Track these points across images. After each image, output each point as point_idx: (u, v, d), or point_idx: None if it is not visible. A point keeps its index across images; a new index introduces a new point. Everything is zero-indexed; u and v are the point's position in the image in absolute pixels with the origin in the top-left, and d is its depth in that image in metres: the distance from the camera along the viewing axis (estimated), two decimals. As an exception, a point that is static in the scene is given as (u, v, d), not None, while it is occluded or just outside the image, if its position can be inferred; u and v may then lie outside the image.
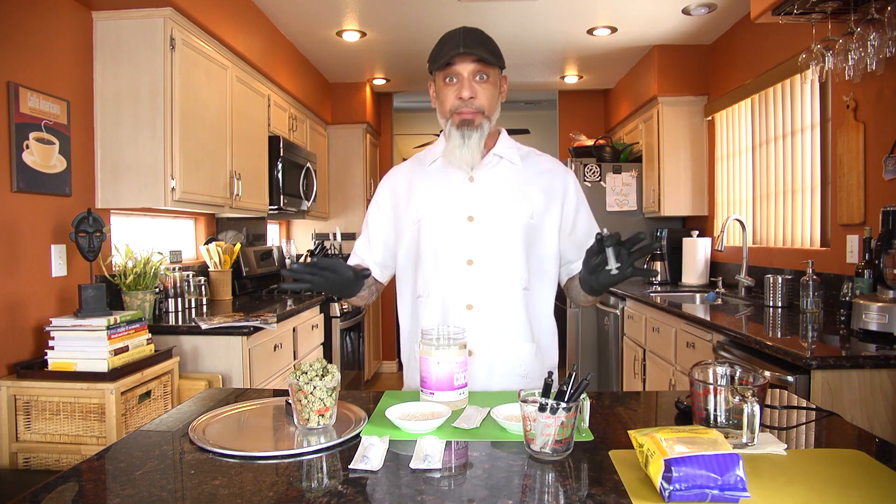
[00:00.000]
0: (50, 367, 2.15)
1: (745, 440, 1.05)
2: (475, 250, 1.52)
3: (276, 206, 3.92)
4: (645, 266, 1.32)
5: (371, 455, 1.03)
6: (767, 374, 1.96)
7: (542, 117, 7.08)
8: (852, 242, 2.74)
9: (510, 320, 1.54)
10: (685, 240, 4.28)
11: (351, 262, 1.64)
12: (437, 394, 1.31)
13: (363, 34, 4.14)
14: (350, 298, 1.52)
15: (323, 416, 1.16)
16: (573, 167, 4.74)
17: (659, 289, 4.15)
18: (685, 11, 3.72)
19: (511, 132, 1.71)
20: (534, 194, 1.55)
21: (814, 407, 1.36)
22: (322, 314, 3.83)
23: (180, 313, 2.99)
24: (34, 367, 2.17)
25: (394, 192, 1.63)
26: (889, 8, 2.25)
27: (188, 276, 3.10)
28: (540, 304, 1.58)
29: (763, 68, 3.50)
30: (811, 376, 1.91)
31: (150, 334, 2.38)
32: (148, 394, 2.27)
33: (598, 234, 1.27)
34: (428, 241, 1.55)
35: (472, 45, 1.43)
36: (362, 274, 1.42)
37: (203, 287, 3.22)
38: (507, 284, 1.53)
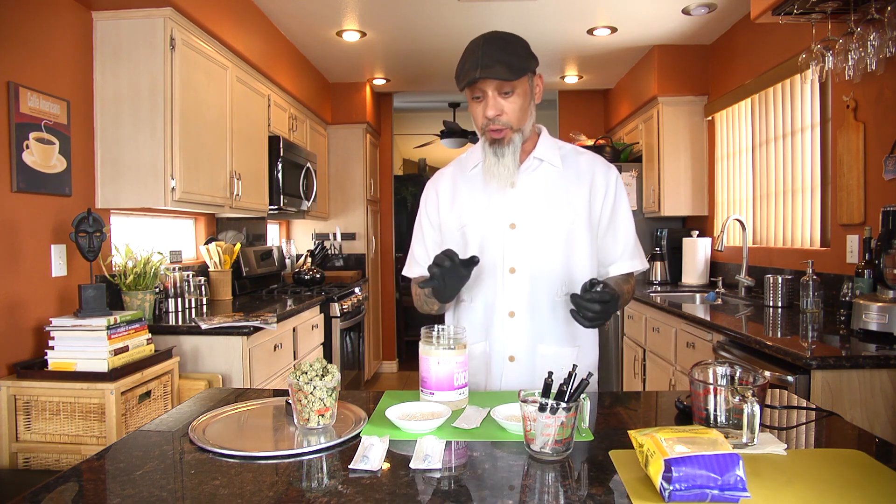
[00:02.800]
0: (50, 367, 2.14)
1: (745, 440, 1.05)
2: (517, 258, 1.52)
3: (276, 206, 3.91)
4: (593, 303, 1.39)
5: (371, 455, 1.03)
6: (767, 374, 1.96)
7: (542, 117, 7.04)
8: (852, 242, 2.74)
9: (552, 326, 1.54)
10: (685, 240, 4.28)
11: (409, 272, 1.70)
12: (437, 394, 1.31)
13: (363, 34, 4.14)
14: (446, 303, 1.54)
15: (323, 416, 1.17)
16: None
17: (659, 289, 4.15)
18: (685, 11, 3.72)
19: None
20: (576, 197, 1.54)
21: (814, 407, 1.36)
22: (322, 314, 3.83)
23: (180, 313, 2.99)
24: (34, 367, 2.17)
25: (438, 198, 1.64)
26: (889, 8, 2.25)
27: (188, 276, 3.10)
28: None
29: (763, 68, 3.50)
30: (811, 376, 1.91)
31: (150, 334, 2.38)
32: (148, 394, 2.27)
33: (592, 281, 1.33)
34: (472, 248, 1.55)
35: (491, 63, 1.39)
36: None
37: (203, 287, 3.22)
38: (549, 291, 1.52)
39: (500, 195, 1.53)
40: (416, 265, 1.68)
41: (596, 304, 1.30)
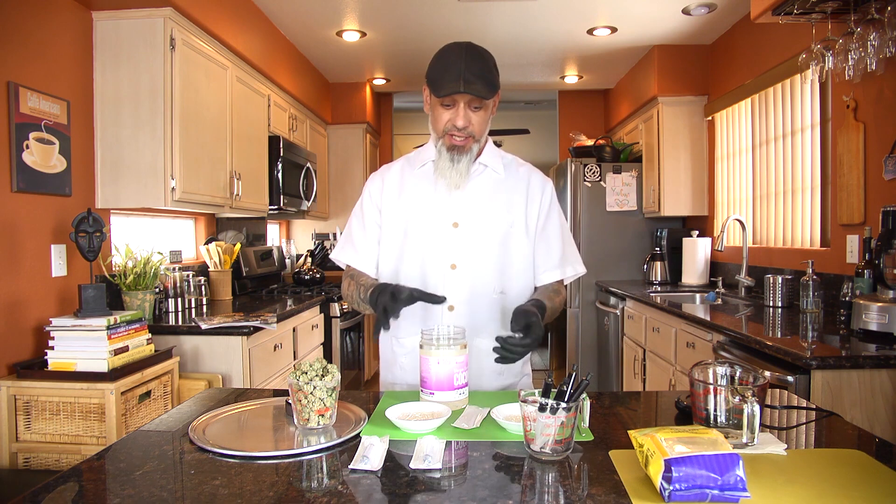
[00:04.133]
0: (50, 367, 2.15)
1: (745, 440, 1.05)
2: (459, 255, 1.58)
3: (276, 206, 3.91)
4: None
5: (371, 455, 1.03)
6: (767, 374, 1.96)
7: (542, 117, 7.08)
8: (852, 242, 2.74)
9: (487, 321, 1.60)
10: (685, 240, 4.28)
11: (343, 255, 1.68)
12: (437, 394, 1.31)
13: (363, 34, 4.14)
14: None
15: (323, 416, 1.17)
16: (573, 167, 4.74)
17: (659, 289, 4.15)
18: (685, 11, 3.72)
19: (511, 132, 1.74)
20: (514, 203, 1.62)
21: (814, 407, 1.36)
22: (322, 314, 3.83)
23: (180, 313, 2.99)
24: (34, 367, 2.17)
25: (384, 187, 1.66)
26: (889, 8, 2.25)
27: (188, 276, 3.10)
28: (515, 307, 1.61)
29: (763, 68, 3.50)
30: (811, 376, 1.91)
31: (150, 334, 2.38)
32: (148, 394, 2.27)
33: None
34: (414, 245, 1.60)
35: (473, 79, 1.45)
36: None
37: (203, 287, 3.22)
38: (486, 288, 1.59)
39: (446, 195, 1.60)
40: (352, 248, 1.67)
41: (519, 348, 1.35)
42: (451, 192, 1.59)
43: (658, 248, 4.52)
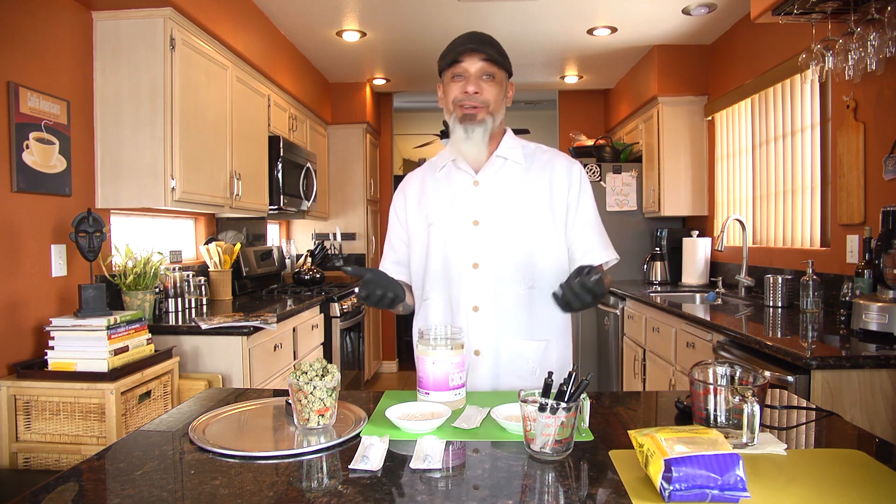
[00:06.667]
0: (50, 367, 2.14)
1: (745, 440, 1.05)
2: (481, 254, 1.55)
3: (276, 206, 3.92)
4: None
5: (371, 455, 1.03)
6: (767, 374, 1.96)
7: (542, 117, 7.08)
8: (852, 242, 2.74)
9: (515, 320, 1.55)
10: (685, 240, 4.28)
11: (382, 268, 1.71)
12: (432, 394, 1.31)
13: (363, 34, 4.14)
14: (393, 308, 1.54)
15: (323, 416, 1.17)
16: (573, 167, 4.73)
17: (659, 289, 4.15)
18: (685, 11, 3.72)
19: (511, 132, 1.72)
20: (539, 193, 1.56)
21: (814, 407, 1.36)
22: (322, 314, 3.83)
23: (180, 313, 2.99)
24: (34, 367, 2.17)
25: (407, 199, 1.68)
26: (889, 8, 2.25)
27: (188, 276, 3.10)
28: (546, 302, 1.54)
29: (763, 68, 3.50)
30: (811, 376, 1.91)
31: (150, 334, 2.38)
32: (148, 394, 2.27)
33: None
34: (437, 245, 1.58)
35: (480, 44, 1.49)
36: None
37: (203, 287, 3.22)
38: (511, 286, 1.54)
39: (465, 193, 1.57)
40: (386, 262, 1.73)
41: (588, 295, 1.25)
42: (469, 189, 1.56)
43: (658, 248, 4.52)
